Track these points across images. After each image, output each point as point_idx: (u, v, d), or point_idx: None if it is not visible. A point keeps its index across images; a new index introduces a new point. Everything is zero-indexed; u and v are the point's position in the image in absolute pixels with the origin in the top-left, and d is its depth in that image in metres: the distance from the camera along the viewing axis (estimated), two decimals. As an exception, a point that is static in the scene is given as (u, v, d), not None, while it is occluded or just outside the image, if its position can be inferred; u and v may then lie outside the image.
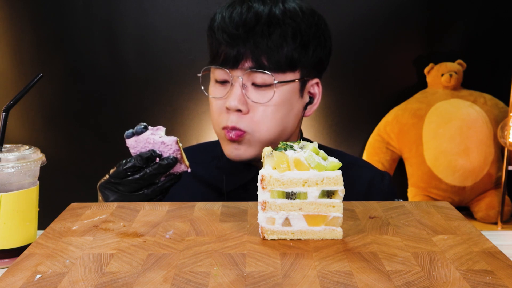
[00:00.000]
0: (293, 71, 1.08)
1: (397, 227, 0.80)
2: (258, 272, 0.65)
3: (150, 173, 0.97)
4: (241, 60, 1.05)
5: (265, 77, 1.05)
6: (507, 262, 0.68)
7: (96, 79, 2.66)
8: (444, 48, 2.74)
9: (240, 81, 1.05)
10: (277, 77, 1.05)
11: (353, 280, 0.62)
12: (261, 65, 1.04)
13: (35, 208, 0.86)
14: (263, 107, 1.06)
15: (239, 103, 1.05)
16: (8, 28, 2.60)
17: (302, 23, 1.06)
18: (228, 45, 1.05)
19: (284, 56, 1.05)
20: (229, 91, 1.07)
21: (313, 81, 1.13)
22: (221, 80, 1.08)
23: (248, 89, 1.06)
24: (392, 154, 2.71)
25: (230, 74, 1.06)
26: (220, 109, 1.08)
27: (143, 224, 0.81)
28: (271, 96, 1.05)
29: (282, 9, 1.05)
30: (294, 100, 1.09)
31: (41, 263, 0.68)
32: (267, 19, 1.04)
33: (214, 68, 1.09)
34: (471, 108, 2.64)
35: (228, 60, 1.05)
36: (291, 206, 0.74)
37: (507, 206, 2.61)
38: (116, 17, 2.61)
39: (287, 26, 1.05)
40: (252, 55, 1.04)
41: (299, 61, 1.07)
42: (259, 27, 1.03)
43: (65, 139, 2.69)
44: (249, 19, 1.04)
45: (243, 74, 1.05)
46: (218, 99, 1.09)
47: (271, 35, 1.04)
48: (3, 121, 0.86)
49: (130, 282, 0.62)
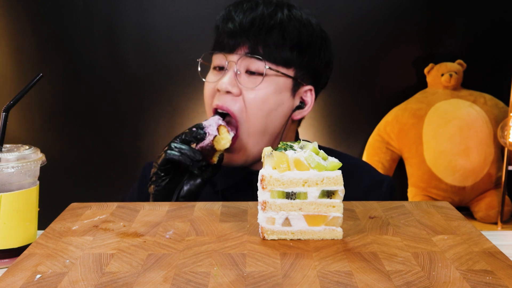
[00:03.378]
0: (287, 67, 1.12)
1: (397, 227, 0.80)
2: (258, 272, 0.65)
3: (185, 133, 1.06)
4: (238, 46, 1.11)
5: (259, 64, 1.10)
6: (507, 262, 0.68)
7: (96, 79, 2.66)
8: (444, 48, 2.74)
9: (234, 66, 1.11)
10: (270, 66, 1.10)
11: (353, 280, 0.62)
12: (256, 52, 1.10)
13: (35, 208, 0.86)
14: (253, 94, 1.10)
15: (229, 84, 1.10)
16: (8, 28, 2.60)
17: (303, 29, 1.12)
18: (230, 34, 1.11)
19: (280, 52, 1.10)
20: (222, 75, 1.12)
21: (307, 87, 1.16)
22: (219, 66, 1.14)
23: (241, 75, 1.12)
24: (392, 154, 2.71)
25: (226, 59, 1.12)
26: (212, 92, 1.14)
27: (143, 224, 0.81)
28: (260, 81, 1.10)
29: (287, 13, 1.12)
30: (284, 97, 1.13)
31: (41, 263, 0.68)
32: (269, 16, 1.10)
33: (213, 55, 1.16)
34: (471, 108, 2.64)
35: (226, 45, 1.12)
36: (291, 206, 0.74)
37: (507, 206, 2.60)
38: (116, 17, 2.61)
39: (287, 28, 1.10)
40: (249, 43, 1.10)
41: (294, 61, 1.12)
42: (260, 22, 1.10)
43: (65, 139, 2.69)
44: (253, 16, 1.10)
45: (238, 59, 1.11)
46: (212, 83, 1.14)
47: (270, 31, 1.10)
48: (3, 121, 0.86)
49: (130, 282, 0.62)
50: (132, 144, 2.68)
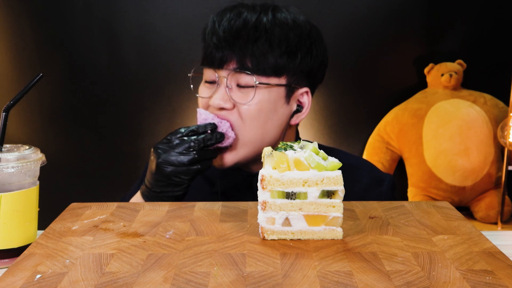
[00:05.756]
0: (278, 76, 1.10)
1: (397, 227, 0.80)
2: (258, 272, 0.65)
3: (203, 137, 1.06)
4: (226, 62, 1.10)
5: (248, 78, 1.09)
6: (507, 262, 0.68)
7: (96, 79, 2.66)
8: (444, 48, 2.74)
9: (225, 81, 1.10)
10: (261, 80, 1.09)
11: (353, 280, 0.62)
12: (245, 66, 1.08)
13: (35, 208, 0.86)
14: (246, 107, 1.09)
15: (221, 101, 1.09)
16: (8, 28, 2.60)
17: (290, 32, 1.09)
18: (216, 48, 1.10)
19: (269, 61, 1.08)
20: (214, 90, 1.11)
21: (302, 90, 1.15)
22: (209, 81, 1.13)
23: (233, 89, 1.10)
24: (392, 154, 2.71)
25: (216, 74, 1.11)
26: (206, 107, 1.14)
27: (143, 224, 0.81)
28: (252, 97, 1.08)
29: (271, 17, 1.09)
30: (278, 105, 1.12)
31: (41, 263, 0.68)
32: (254, 25, 1.08)
33: (204, 69, 1.15)
34: (471, 108, 2.64)
35: (214, 60, 1.11)
36: (291, 206, 0.74)
37: (507, 206, 2.60)
38: (116, 17, 2.61)
39: (273, 34, 1.08)
40: (237, 57, 1.08)
41: (285, 68, 1.10)
42: (245, 32, 1.08)
43: (65, 139, 2.69)
44: (237, 24, 1.09)
45: (227, 74, 1.09)
46: (204, 98, 1.14)
47: (256, 41, 1.08)
48: (3, 121, 0.86)
49: (130, 282, 0.62)
50: (132, 144, 2.68)
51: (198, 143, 1.05)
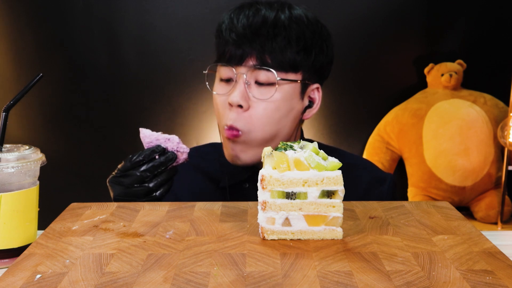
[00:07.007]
0: (295, 72, 1.11)
1: (397, 227, 0.80)
2: (258, 272, 0.65)
3: (152, 165, 0.98)
4: (246, 58, 1.09)
5: (269, 75, 1.08)
6: (507, 262, 0.68)
7: (96, 79, 2.66)
8: (444, 48, 2.74)
9: (244, 78, 1.09)
10: (280, 76, 1.09)
11: (353, 280, 0.62)
12: (265, 63, 1.08)
13: (35, 208, 0.86)
14: (264, 105, 1.09)
15: (241, 98, 1.08)
16: (8, 28, 2.60)
17: (306, 29, 1.10)
18: (235, 44, 1.09)
19: (287, 57, 1.09)
20: (232, 87, 1.10)
21: (314, 86, 1.16)
22: (226, 78, 1.12)
23: (251, 86, 1.10)
24: (392, 154, 2.71)
25: (235, 71, 1.10)
26: (223, 105, 1.12)
27: (143, 224, 0.81)
28: (273, 93, 1.08)
29: (288, 14, 1.10)
30: (294, 101, 1.12)
31: (41, 263, 0.68)
32: (273, 22, 1.08)
33: (220, 66, 1.13)
34: (471, 108, 2.64)
35: (233, 57, 1.10)
36: (291, 206, 0.74)
37: (507, 206, 2.60)
38: (116, 17, 2.61)
39: (291, 31, 1.09)
40: (257, 54, 1.08)
41: (301, 64, 1.11)
42: (265, 29, 1.08)
43: (65, 139, 2.69)
44: (256, 21, 1.08)
45: (247, 71, 1.09)
46: (222, 95, 1.12)
47: (276, 37, 1.08)
48: (3, 121, 0.86)
49: (130, 282, 0.62)
50: (132, 144, 2.68)
51: (150, 172, 0.98)
